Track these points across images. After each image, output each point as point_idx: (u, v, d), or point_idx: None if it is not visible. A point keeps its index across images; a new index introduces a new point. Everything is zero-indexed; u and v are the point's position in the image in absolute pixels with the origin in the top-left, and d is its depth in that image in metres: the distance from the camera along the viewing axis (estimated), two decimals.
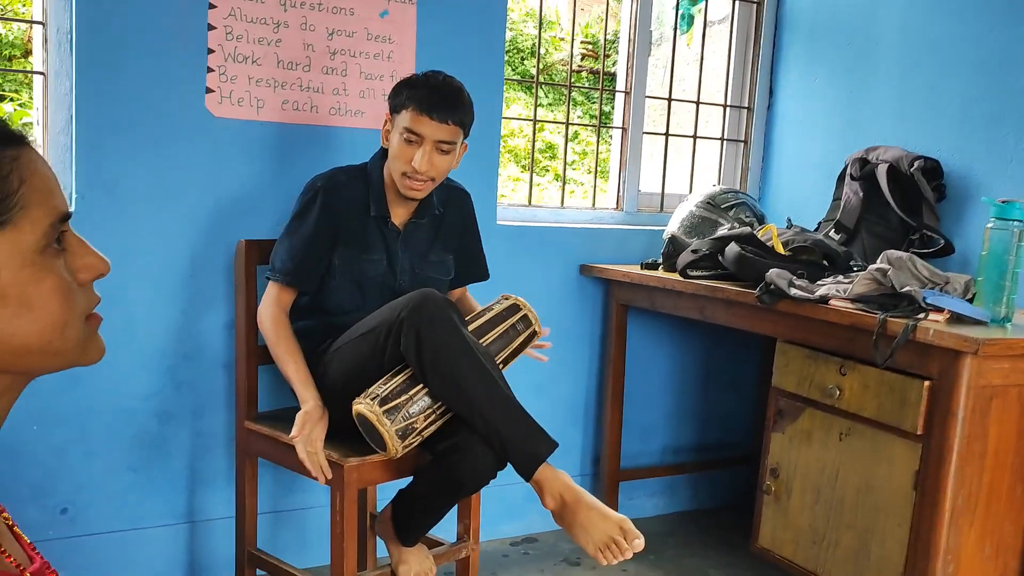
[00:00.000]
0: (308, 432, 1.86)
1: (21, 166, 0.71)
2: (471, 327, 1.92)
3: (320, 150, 2.37)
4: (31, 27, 4.40)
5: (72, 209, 2.10)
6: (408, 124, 1.95)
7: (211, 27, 2.20)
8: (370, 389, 1.80)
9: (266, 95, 2.29)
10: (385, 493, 2.26)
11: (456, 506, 2.05)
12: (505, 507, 2.67)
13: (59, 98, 2.11)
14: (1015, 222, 1.96)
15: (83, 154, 2.11)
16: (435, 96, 1.95)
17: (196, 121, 2.21)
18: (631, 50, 2.96)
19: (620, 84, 3.02)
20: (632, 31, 2.95)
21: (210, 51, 2.20)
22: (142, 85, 2.14)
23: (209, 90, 2.22)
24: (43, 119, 2.12)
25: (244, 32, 2.24)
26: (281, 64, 2.30)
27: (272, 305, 2.02)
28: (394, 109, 2.00)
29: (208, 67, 2.21)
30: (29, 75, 4.22)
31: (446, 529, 2.17)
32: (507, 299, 2.03)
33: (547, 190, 7.15)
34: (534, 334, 2.02)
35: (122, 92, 2.13)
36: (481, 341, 1.90)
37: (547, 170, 8.05)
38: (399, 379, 1.81)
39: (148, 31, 2.13)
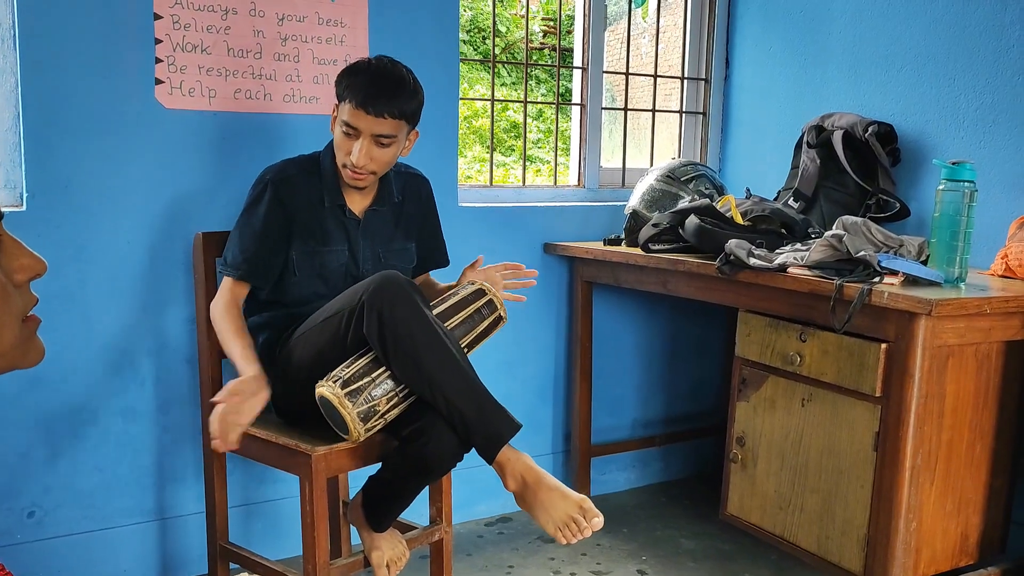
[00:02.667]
0: (239, 402, 1.78)
1: None
2: (436, 310, 1.92)
3: (275, 138, 2.34)
4: None
5: (23, 208, 2.08)
6: (345, 117, 1.93)
7: (158, 16, 2.16)
8: (333, 372, 1.79)
9: (217, 84, 2.26)
10: (357, 481, 2.26)
11: (428, 489, 2.06)
12: (478, 488, 2.68)
13: (4, 95, 2.07)
14: (965, 183, 1.98)
15: (32, 151, 2.07)
16: (372, 89, 1.90)
17: (147, 113, 2.18)
18: (587, 25, 2.95)
19: (577, 60, 3.01)
20: (587, 6, 2.94)
21: (158, 41, 2.17)
22: (90, 79, 2.11)
23: (159, 81, 2.19)
24: None
25: (192, 20, 2.21)
26: (232, 52, 2.27)
27: (225, 294, 2.00)
28: (339, 97, 1.97)
29: (156, 57, 2.17)
30: None
31: (419, 512, 2.18)
32: (473, 283, 2.02)
33: (514, 169, 7.14)
34: (499, 319, 2.02)
35: (70, 87, 2.09)
36: (445, 324, 1.90)
37: (513, 150, 8.03)
38: (362, 362, 1.80)
39: (93, 23, 2.09)
